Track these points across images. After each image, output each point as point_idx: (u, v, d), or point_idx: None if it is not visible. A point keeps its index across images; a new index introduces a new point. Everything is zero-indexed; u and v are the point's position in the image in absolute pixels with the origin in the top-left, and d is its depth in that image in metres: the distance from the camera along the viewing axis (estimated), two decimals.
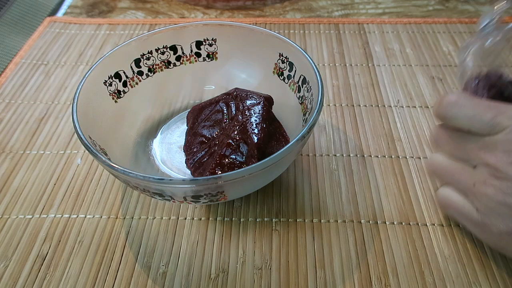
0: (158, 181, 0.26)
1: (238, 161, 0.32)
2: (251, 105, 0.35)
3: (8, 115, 0.44)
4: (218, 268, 0.31)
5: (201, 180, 0.26)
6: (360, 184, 0.36)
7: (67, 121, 0.44)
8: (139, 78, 0.39)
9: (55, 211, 0.35)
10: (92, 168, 0.39)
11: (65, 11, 0.63)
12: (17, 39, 0.56)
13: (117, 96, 0.37)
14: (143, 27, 0.57)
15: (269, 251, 0.32)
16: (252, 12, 0.61)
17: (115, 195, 0.36)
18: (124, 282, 0.30)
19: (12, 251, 0.32)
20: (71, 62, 0.51)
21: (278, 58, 0.38)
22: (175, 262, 0.32)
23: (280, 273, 0.31)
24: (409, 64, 0.50)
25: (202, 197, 0.28)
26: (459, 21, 0.56)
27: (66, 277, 0.31)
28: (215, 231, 0.33)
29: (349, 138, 0.41)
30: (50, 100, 0.46)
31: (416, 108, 0.44)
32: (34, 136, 0.42)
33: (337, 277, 0.30)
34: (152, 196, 0.29)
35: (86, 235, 0.33)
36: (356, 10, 0.61)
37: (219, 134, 0.36)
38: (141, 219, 0.34)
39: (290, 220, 0.34)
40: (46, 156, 0.40)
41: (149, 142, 0.38)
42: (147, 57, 0.39)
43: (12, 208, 0.35)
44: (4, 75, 0.49)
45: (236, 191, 0.30)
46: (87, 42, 0.54)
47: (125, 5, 0.64)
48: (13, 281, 0.30)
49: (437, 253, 0.31)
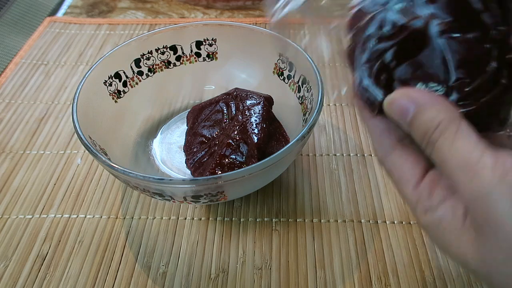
0: (158, 181, 0.26)
1: (238, 161, 0.32)
2: (251, 105, 0.35)
3: (8, 115, 0.44)
4: (218, 268, 0.31)
5: (201, 180, 0.26)
6: (360, 184, 0.36)
7: (67, 121, 0.44)
8: (139, 78, 0.39)
9: (55, 211, 0.35)
10: (92, 168, 0.39)
11: (65, 11, 0.63)
12: (17, 39, 0.56)
13: (117, 96, 0.37)
14: (143, 27, 0.57)
15: (269, 251, 0.32)
16: (252, 12, 0.61)
17: (115, 195, 0.36)
18: (124, 282, 0.30)
19: (12, 251, 0.32)
20: (71, 62, 0.51)
21: (278, 58, 0.38)
22: (175, 262, 0.31)
23: (280, 273, 0.31)
24: None
25: (202, 197, 0.28)
26: None
27: (66, 277, 0.31)
28: (215, 231, 0.33)
29: (349, 137, 0.41)
30: (50, 100, 0.46)
31: None
32: (34, 136, 0.42)
33: (337, 277, 0.30)
34: (152, 196, 0.29)
35: (86, 235, 0.33)
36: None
37: (219, 134, 0.36)
38: (141, 219, 0.34)
39: (290, 220, 0.34)
40: (46, 156, 0.40)
41: (149, 142, 0.38)
42: (147, 57, 0.39)
43: (12, 208, 0.35)
44: (4, 75, 0.49)
45: (236, 191, 0.30)
46: (87, 42, 0.54)
47: (125, 5, 0.64)
48: (13, 281, 0.30)
49: (438, 252, 0.31)
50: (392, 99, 0.19)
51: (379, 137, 0.21)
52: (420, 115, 0.18)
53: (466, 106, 0.18)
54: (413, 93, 0.19)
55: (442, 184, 0.19)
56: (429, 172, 0.19)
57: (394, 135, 0.21)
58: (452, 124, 0.17)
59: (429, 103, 0.18)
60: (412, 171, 0.19)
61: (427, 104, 0.18)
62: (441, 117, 0.18)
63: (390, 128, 0.21)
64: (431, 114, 0.18)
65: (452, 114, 0.18)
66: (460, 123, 0.17)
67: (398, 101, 0.19)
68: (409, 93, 0.19)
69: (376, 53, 0.20)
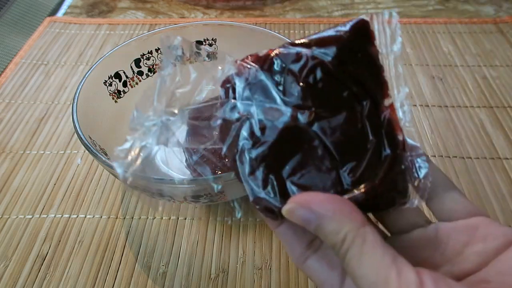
0: (158, 181, 0.26)
1: None
2: None
3: (8, 115, 0.44)
4: (218, 268, 0.31)
5: (201, 180, 0.26)
6: None
7: (67, 121, 0.44)
8: (139, 78, 0.39)
9: (55, 211, 0.35)
10: (92, 168, 0.39)
11: (65, 11, 0.63)
12: (17, 39, 0.56)
13: (117, 96, 0.37)
14: (143, 27, 0.57)
15: (269, 251, 0.32)
16: (252, 12, 0.61)
17: (115, 195, 0.36)
18: (124, 282, 0.30)
19: (12, 251, 0.32)
20: (71, 62, 0.51)
21: None
22: (175, 262, 0.31)
23: (280, 273, 0.30)
24: (409, 63, 0.50)
25: (202, 197, 0.28)
26: (459, 21, 0.56)
27: (66, 277, 0.31)
28: (215, 231, 0.33)
29: None
30: (50, 100, 0.46)
31: (417, 106, 0.44)
32: (34, 136, 0.42)
33: None
34: (152, 196, 0.29)
35: (86, 235, 0.33)
36: (356, 10, 0.61)
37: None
38: (141, 219, 0.34)
39: None
40: (46, 156, 0.40)
41: None
42: (147, 57, 0.39)
43: (12, 208, 0.35)
44: (4, 75, 0.49)
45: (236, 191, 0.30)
46: (87, 42, 0.54)
47: (125, 5, 0.64)
48: (13, 281, 0.30)
49: None
50: (289, 210, 0.18)
51: (290, 245, 0.20)
52: (324, 227, 0.17)
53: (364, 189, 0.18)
54: (309, 202, 0.17)
55: None
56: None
57: (304, 241, 0.20)
58: (357, 237, 0.16)
59: (329, 213, 0.17)
60: (331, 277, 0.19)
61: (328, 214, 0.17)
62: (345, 230, 0.16)
63: (298, 233, 0.20)
64: (334, 227, 0.17)
65: (355, 224, 0.17)
66: (365, 234, 0.16)
67: (297, 212, 0.17)
68: (305, 202, 0.17)
69: (256, 161, 0.19)
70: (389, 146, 0.18)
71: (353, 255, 0.16)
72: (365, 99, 0.18)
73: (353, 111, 0.18)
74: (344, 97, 0.18)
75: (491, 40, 0.53)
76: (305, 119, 0.18)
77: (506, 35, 0.54)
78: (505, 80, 0.47)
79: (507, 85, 0.46)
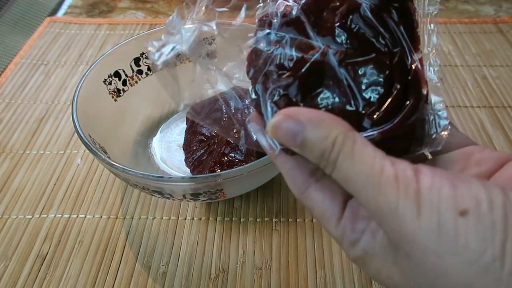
0: (158, 179, 0.26)
1: (237, 159, 0.32)
2: (250, 104, 0.35)
3: (8, 115, 0.44)
4: (218, 268, 0.31)
5: (200, 178, 0.26)
6: None
7: (67, 121, 0.43)
8: (138, 77, 0.39)
9: (55, 211, 0.35)
10: (92, 168, 0.39)
11: (65, 11, 0.63)
12: (17, 39, 0.56)
13: (116, 95, 0.37)
14: (143, 27, 0.57)
15: (269, 251, 0.32)
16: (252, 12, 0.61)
17: (115, 195, 0.36)
18: (124, 282, 0.30)
19: (12, 251, 0.32)
20: (71, 62, 0.51)
21: None
22: (175, 262, 0.31)
23: (280, 273, 0.30)
24: None
25: (201, 195, 0.28)
26: (459, 21, 0.56)
27: (66, 277, 0.31)
28: (215, 231, 0.33)
29: None
30: (50, 100, 0.46)
31: None
32: (34, 136, 0.42)
33: (337, 277, 0.30)
34: (152, 194, 0.29)
35: (86, 235, 0.33)
36: None
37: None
38: (141, 219, 0.34)
39: (290, 220, 0.34)
40: (46, 156, 0.40)
41: (149, 141, 0.38)
42: (146, 56, 0.39)
43: (12, 208, 0.35)
44: (4, 75, 0.49)
45: (235, 189, 0.30)
46: (87, 42, 0.54)
47: (125, 5, 0.64)
48: (13, 281, 0.30)
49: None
50: (275, 123, 0.17)
51: (290, 175, 0.19)
52: (311, 135, 0.16)
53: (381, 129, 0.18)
54: (296, 113, 0.17)
55: (362, 213, 0.18)
56: (348, 203, 0.18)
57: (305, 170, 0.19)
58: (347, 138, 0.16)
59: (316, 120, 0.17)
60: (331, 207, 0.18)
61: (314, 121, 0.17)
62: (334, 133, 0.16)
63: (299, 162, 0.19)
64: (322, 132, 0.16)
65: (344, 127, 0.16)
66: (354, 135, 0.16)
67: (282, 124, 0.17)
68: (291, 113, 0.17)
69: (280, 89, 0.19)
70: (412, 95, 0.18)
71: (345, 156, 0.16)
72: (396, 47, 0.19)
73: (383, 57, 0.19)
74: (376, 42, 0.19)
75: (491, 40, 0.53)
76: (335, 57, 0.19)
77: (506, 35, 0.54)
78: (505, 80, 0.47)
79: (507, 85, 0.46)
